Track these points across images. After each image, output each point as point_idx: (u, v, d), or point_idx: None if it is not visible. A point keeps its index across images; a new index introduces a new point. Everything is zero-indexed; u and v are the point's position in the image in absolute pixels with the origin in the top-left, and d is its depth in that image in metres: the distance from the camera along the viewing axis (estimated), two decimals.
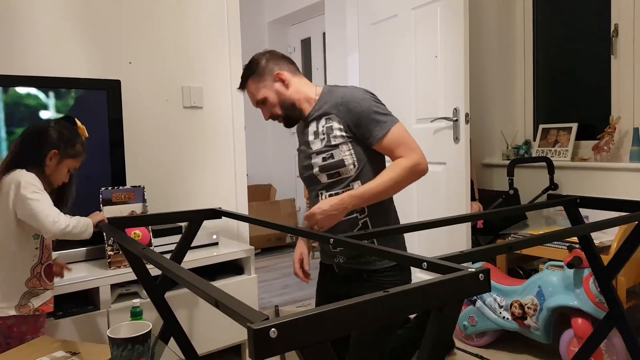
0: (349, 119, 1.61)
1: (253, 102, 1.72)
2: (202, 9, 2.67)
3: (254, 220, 1.65)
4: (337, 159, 1.63)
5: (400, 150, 1.61)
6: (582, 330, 2.06)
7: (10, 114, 1.98)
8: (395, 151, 1.61)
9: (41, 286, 1.56)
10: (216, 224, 2.20)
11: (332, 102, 1.65)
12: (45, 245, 1.59)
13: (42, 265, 1.57)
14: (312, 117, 1.69)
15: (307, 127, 1.71)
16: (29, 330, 1.56)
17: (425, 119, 2.83)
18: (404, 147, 1.62)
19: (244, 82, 1.70)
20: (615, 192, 2.73)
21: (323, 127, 1.66)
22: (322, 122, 1.67)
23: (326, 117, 1.66)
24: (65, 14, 2.28)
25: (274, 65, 1.68)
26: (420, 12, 2.86)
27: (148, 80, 2.51)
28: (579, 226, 1.75)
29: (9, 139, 1.98)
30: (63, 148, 1.57)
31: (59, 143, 1.56)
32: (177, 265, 0.99)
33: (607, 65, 2.91)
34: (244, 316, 0.66)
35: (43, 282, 1.57)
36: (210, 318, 2.16)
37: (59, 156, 1.57)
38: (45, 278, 1.58)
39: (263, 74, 1.68)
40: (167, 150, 2.58)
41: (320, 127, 1.67)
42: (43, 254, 1.58)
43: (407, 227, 1.46)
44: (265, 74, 1.68)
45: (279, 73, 1.68)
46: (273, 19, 5.35)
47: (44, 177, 1.55)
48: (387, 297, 0.68)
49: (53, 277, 1.63)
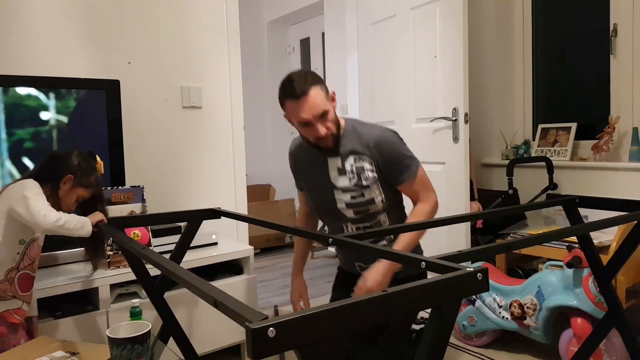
0: (379, 160, 1.66)
1: (315, 111, 1.57)
2: (201, 9, 2.67)
3: (253, 220, 1.65)
4: (367, 198, 1.70)
5: (421, 193, 1.70)
6: (581, 330, 2.06)
7: (10, 115, 1.98)
8: (418, 194, 1.70)
9: (10, 292, 1.55)
10: (215, 223, 2.20)
11: (363, 142, 1.67)
12: (27, 253, 1.58)
13: (17, 272, 1.56)
14: (337, 152, 1.69)
15: (326, 160, 1.72)
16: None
17: (425, 118, 2.84)
18: (424, 190, 1.71)
19: (307, 90, 1.55)
20: (615, 191, 2.74)
21: (352, 166, 1.69)
22: (351, 160, 1.69)
23: (355, 156, 1.69)
24: (65, 14, 2.28)
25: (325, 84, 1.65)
26: (420, 12, 2.86)
27: (147, 80, 2.51)
28: (578, 226, 1.75)
29: (9, 140, 1.98)
30: (79, 175, 1.64)
31: (77, 170, 1.64)
32: (177, 265, 0.99)
33: (606, 64, 2.91)
34: (242, 316, 0.66)
35: (14, 289, 1.55)
36: (210, 318, 2.16)
37: (73, 182, 1.63)
38: (17, 286, 1.56)
39: (326, 88, 1.62)
40: (166, 150, 2.58)
41: (348, 165, 1.69)
42: (23, 260, 1.57)
43: (406, 227, 1.46)
44: (327, 88, 1.63)
45: (334, 92, 1.66)
46: (272, 19, 5.35)
47: (55, 199, 1.59)
48: (386, 296, 0.68)
49: (29, 288, 1.61)
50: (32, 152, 2.02)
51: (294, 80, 1.57)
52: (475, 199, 3.02)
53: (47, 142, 2.05)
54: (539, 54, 3.36)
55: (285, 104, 1.60)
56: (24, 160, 2.01)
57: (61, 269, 2.01)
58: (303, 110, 1.56)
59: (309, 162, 1.78)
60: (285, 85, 1.59)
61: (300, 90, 1.55)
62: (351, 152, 1.69)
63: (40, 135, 2.04)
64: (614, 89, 2.88)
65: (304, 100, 1.55)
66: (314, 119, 1.58)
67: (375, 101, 3.28)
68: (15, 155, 1.99)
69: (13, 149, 1.98)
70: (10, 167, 1.98)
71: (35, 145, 2.02)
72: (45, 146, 2.04)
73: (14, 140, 1.98)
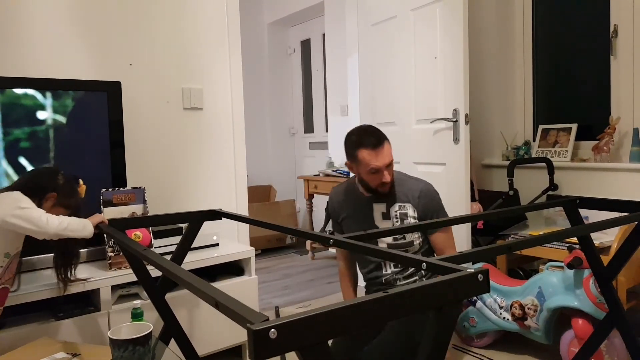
0: (422, 210, 1.91)
1: (386, 160, 1.84)
2: (202, 11, 2.68)
3: (254, 221, 1.65)
4: (407, 240, 1.93)
5: (447, 249, 1.94)
6: (582, 331, 2.06)
7: (8, 115, 1.98)
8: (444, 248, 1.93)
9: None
10: (216, 224, 2.20)
11: (409, 192, 1.93)
12: (10, 268, 1.57)
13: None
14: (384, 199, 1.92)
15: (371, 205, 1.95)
16: None
17: (425, 119, 2.84)
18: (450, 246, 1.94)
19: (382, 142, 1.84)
20: (615, 192, 2.74)
21: (396, 212, 1.92)
22: (396, 207, 1.92)
23: (400, 204, 1.92)
24: (66, 16, 2.28)
25: None
26: (420, 13, 2.86)
27: (148, 81, 2.52)
28: (579, 226, 1.76)
29: (4, 139, 1.98)
30: (62, 195, 1.64)
31: (61, 189, 1.64)
32: (178, 267, 0.99)
33: (606, 65, 2.91)
34: (243, 317, 0.66)
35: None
36: (211, 319, 2.16)
37: (55, 200, 1.63)
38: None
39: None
40: (167, 152, 2.59)
41: (393, 211, 1.92)
42: (5, 274, 1.56)
43: (408, 228, 1.47)
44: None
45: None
46: (273, 20, 5.36)
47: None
48: (387, 297, 0.68)
49: (3, 302, 1.60)
50: (30, 152, 2.02)
51: (371, 132, 1.85)
52: (475, 200, 3.02)
53: (48, 143, 2.06)
54: (539, 54, 3.36)
55: (359, 152, 1.84)
56: (20, 161, 2.01)
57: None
58: (377, 159, 1.81)
59: (355, 208, 2.00)
60: (362, 137, 1.85)
61: (378, 141, 1.82)
62: (397, 200, 1.93)
63: (38, 135, 2.04)
64: (614, 90, 2.89)
65: (380, 150, 1.82)
66: (383, 167, 1.83)
67: (375, 102, 3.29)
68: (13, 156, 1.99)
69: (10, 150, 1.98)
70: (6, 167, 1.99)
71: (34, 146, 2.02)
72: (47, 147, 2.05)
73: (11, 140, 1.98)
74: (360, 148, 1.83)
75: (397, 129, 3.09)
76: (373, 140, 1.81)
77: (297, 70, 5.52)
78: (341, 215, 2.07)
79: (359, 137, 1.86)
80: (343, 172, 4.11)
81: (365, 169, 1.84)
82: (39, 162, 2.03)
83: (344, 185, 2.10)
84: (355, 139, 1.86)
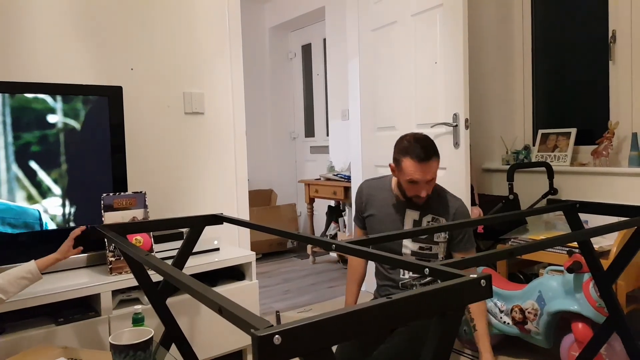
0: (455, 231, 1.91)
1: (428, 177, 1.82)
2: (203, 15, 2.69)
3: (255, 225, 1.65)
4: (433, 252, 1.96)
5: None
6: (582, 335, 2.06)
7: (16, 120, 1.99)
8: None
9: None
10: (217, 229, 2.21)
11: (445, 207, 1.93)
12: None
13: None
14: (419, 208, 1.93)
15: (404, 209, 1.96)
16: None
17: (425, 124, 2.84)
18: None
19: (430, 157, 1.81)
20: (614, 196, 2.74)
21: (429, 222, 1.93)
22: (429, 218, 1.94)
23: (434, 216, 1.93)
24: (68, 21, 2.29)
25: None
26: (420, 19, 2.87)
27: (150, 86, 2.53)
28: (580, 231, 1.76)
29: (15, 144, 1.99)
30: None
31: None
32: (180, 272, 1.00)
33: (605, 70, 2.93)
34: (247, 322, 0.66)
35: None
36: (212, 324, 2.16)
37: None
38: None
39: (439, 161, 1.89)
40: (168, 156, 2.59)
41: (425, 221, 1.93)
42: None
43: (409, 233, 1.47)
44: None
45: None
46: (274, 25, 5.38)
47: None
48: (390, 303, 0.69)
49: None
50: (36, 156, 2.03)
51: (423, 144, 1.82)
52: (476, 204, 3.03)
53: (52, 146, 2.06)
54: (538, 59, 3.37)
55: (404, 160, 1.82)
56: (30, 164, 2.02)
57: (62, 275, 2.01)
58: (420, 173, 1.80)
59: (385, 209, 1.99)
60: (414, 145, 1.82)
61: (427, 156, 1.80)
62: (431, 212, 1.94)
63: (46, 140, 2.04)
64: (613, 95, 2.90)
65: (425, 165, 1.80)
66: (424, 182, 1.82)
67: (376, 107, 3.30)
68: (21, 160, 2.00)
69: (19, 153, 1.99)
70: (16, 171, 1.99)
71: (39, 150, 2.03)
72: (49, 152, 2.05)
73: (18, 145, 1.99)
74: (407, 156, 1.82)
75: (397, 134, 3.08)
76: (422, 153, 1.80)
77: (298, 74, 5.54)
78: (368, 211, 2.06)
79: (409, 144, 1.84)
80: (344, 176, 4.12)
81: (405, 178, 1.84)
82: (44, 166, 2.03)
83: (378, 181, 2.08)
84: (406, 145, 1.85)
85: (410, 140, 1.85)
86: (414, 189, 1.85)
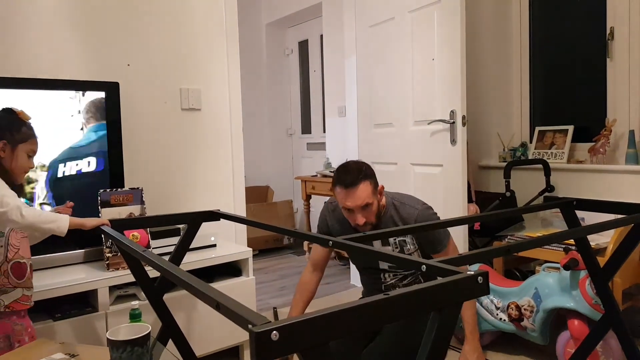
0: (421, 236, 1.85)
1: (358, 203, 1.73)
2: (200, 11, 2.68)
3: (252, 222, 1.65)
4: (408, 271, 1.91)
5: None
6: (578, 332, 2.07)
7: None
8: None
9: (10, 284, 1.56)
10: (214, 225, 2.20)
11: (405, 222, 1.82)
12: (10, 243, 1.57)
13: (8, 263, 1.56)
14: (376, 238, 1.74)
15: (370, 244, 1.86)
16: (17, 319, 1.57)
17: (423, 121, 2.84)
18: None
19: (356, 182, 1.72)
20: (611, 193, 2.75)
21: (395, 240, 1.87)
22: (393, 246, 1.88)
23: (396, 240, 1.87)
24: (64, 16, 2.28)
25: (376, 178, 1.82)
26: (417, 15, 2.87)
27: (146, 82, 2.52)
28: (578, 228, 1.77)
29: None
30: (9, 136, 1.56)
31: (2, 133, 1.55)
32: (178, 268, 1.00)
33: (602, 67, 2.93)
34: (245, 318, 0.66)
35: (12, 280, 1.56)
36: (209, 320, 2.16)
37: (9, 145, 1.55)
38: (13, 277, 1.57)
39: (375, 183, 1.79)
40: (165, 152, 2.59)
41: (391, 240, 1.87)
42: (8, 251, 1.57)
43: (405, 230, 1.47)
44: (376, 183, 1.80)
45: (382, 186, 1.84)
46: (270, 21, 5.36)
47: (5, 173, 1.54)
48: (388, 300, 0.69)
49: (24, 274, 1.60)
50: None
51: (348, 171, 1.75)
52: (472, 201, 3.03)
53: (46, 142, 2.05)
54: (536, 56, 3.37)
55: (335, 189, 1.77)
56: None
57: (60, 271, 2.01)
58: (348, 199, 1.73)
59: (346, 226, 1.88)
60: (339, 172, 1.77)
61: (350, 182, 1.72)
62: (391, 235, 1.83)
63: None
64: (610, 92, 2.90)
65: (351, 191, 1.72)
66: (356, 209, 1.74)
67: (373, 103, 3.29)
68: None
69: None
70: None
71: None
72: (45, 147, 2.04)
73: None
74: (336, 185, 1.76)
75: (394, 131, 3.10)
76: (347, 178, 1.72)
77: (295, 71, 5.53)
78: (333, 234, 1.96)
79: (338, 171, 1.79)
80: None
81: (342, 205, 1.77)
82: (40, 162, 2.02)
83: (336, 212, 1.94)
84: (335, 173, 1.79)
85: (340, 168, 1.80)
86: (351, 216, 1.77)
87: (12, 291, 1.57)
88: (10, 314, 1.57)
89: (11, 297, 1.56)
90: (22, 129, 1.59)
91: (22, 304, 1.59)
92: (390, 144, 3.13)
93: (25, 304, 1.60)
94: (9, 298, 1.56)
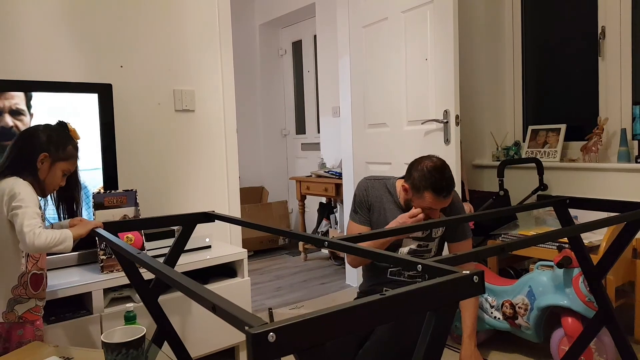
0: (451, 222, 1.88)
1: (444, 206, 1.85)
2: (193, 12, 2.67)
3: (246, 223, 1.65)
4: (429, 248, 2.01)
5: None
6: (572, 329, 2.08)
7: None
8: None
9: (26, 295, 1.56)
10: (209, 226, 2.20)
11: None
12: (31, 255, 1.57)
13: (27, 274, 1.56)
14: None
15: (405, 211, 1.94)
16: (26, 334, 1.56)
17: (416, 121, 2.85)
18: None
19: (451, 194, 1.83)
20: (604, 192, 2.77)
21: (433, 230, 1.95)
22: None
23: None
24: (56, 18, 2.27)
25: None
26: (410, 15, 2.88)
27: (139, 83, 2.51)
28: (572, 227, 1.78)
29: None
30: (54, 151, 1.56)
31: (48, 146, 1.56)
32: (173, 270, 0.99)
33: (594, 66, 2.95)
34: (242, 320, 0.66)
35: (29, 291, 1.56)
36: (204, 321, 2.16)
37: (50, 159, 1.56)
38: (30, 287, 1.57)
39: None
40: (159, 154, 2.58)
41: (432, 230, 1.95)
42: (28, 262, 1.56)
43: (400, 230, 1.48)
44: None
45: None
46: (264, 22, 5.35)
47: (38, 183, 1.55)
48: (384, 300, 0.69)
49: (39, 286, 1.60)
50: None
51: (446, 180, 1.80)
52: (466, 200, 3.04)
53: None
54: (528, 56, 3.39)
55: (426, 192, 1.80)
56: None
57: (54, 274, 2.00)
58: (439, 204, 1.83)
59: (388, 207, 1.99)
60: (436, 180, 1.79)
61: (448, 193, 1.81)
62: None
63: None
64: (602, 91, 2.92)
65: (445, 201, 1.82)
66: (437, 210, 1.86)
67: (367, 103, 3.30)
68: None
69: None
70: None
71: None
72: None
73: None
74: (429, 189, 1.79)
75: (388, 130, 3.10)
76: (445, 190, 1.79)
77: (289, 71, 5.52)
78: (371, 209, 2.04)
79: (431, 176, 1.79)
80: (335, 172, 4.12)
81: (423, 205, 1.83)
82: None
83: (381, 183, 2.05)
84: (428, 177, 1.79)
85: (433, 172, 1.80)
86: (426, 212, 1.85)
87: (27, 301, 1.57)
88: (23, 324, 1.56)
89: (25, 307, 1.56)
90: (68, 147, 1.60)
91: (34, 314, 1.59)
92: (384, 144, 3.13)
93: (37, 315, 1.60)
94: (22, 308, 1.55)
